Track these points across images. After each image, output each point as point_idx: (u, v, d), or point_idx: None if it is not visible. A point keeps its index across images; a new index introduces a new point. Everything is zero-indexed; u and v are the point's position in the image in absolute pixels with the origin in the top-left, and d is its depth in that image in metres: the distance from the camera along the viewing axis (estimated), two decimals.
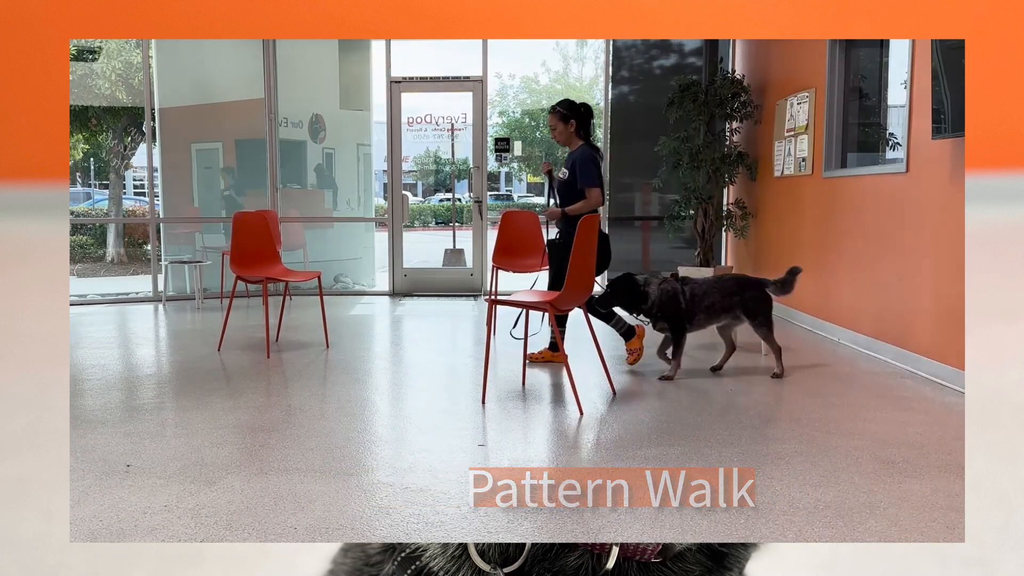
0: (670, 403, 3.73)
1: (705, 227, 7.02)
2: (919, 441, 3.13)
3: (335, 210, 8.66)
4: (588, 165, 4.26)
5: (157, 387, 4.13)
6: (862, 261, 4.98)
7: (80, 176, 15.60)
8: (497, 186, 19.96)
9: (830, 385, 4.08)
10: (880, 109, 5.30)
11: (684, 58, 7.76)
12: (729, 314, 4.23)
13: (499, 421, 3.52)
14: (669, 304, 4.15)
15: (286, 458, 2.93)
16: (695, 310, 4.17)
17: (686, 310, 4.16)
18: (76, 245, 12.57)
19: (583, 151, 4.30)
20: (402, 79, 7.73)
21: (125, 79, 11.22)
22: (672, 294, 4.16)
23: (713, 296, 4.20)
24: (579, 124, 4.33)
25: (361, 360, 4.64)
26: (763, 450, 3.02)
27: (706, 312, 4.20)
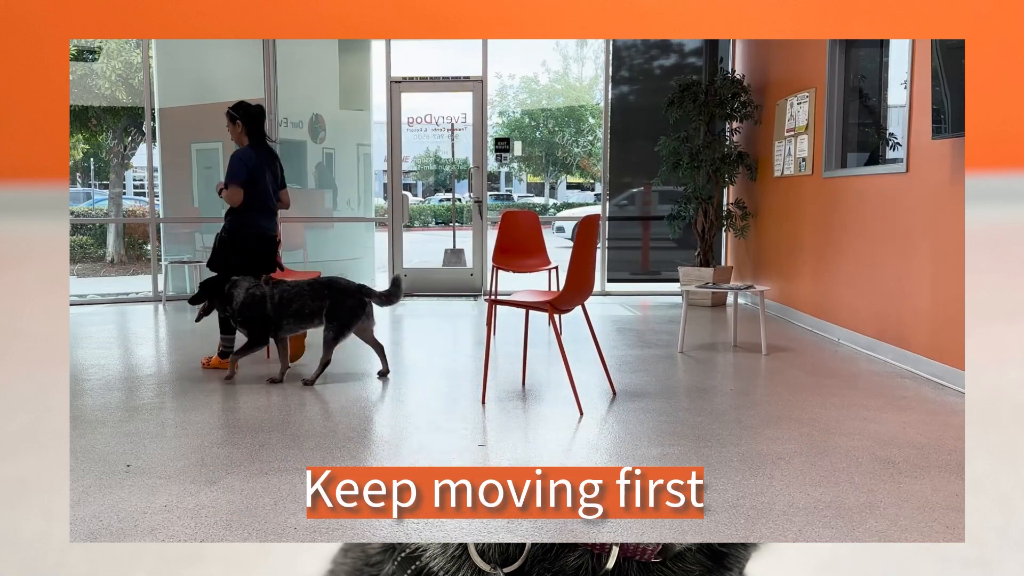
0: (670, 403, 3.73)
1: (705, 227, 7.02)
2: (919, 441, 3.13)
3: (335, 210, 8.66)
4: (234, 164, 4.40)
5: (157, 387, 4.13)
6: (862, 261, 4.98)
7: (80, 176, 15.60)
8: (497, 186, 19.97)
9: (830, 385, 4.08)
10: (880, 109, 5.30)
11: (684, 58, 7.76)
12: (318, 318, 4.14)
13: (499, 421, 3.52)
14: (252, 308, 4.10)
15: (286, 458, 2.93)
16: (282, 315, 4.10)
17: (272, 315, 4.10)
18: (76, 245, 12.57)
19: (240, 151, 4.43)
20: (402, 79, 7.73)
21: (125, 79, 11.22)
22: (259, 298, 4.11)
23: (303, 300, 4.12)
24: (246, 125, 4.44)
25: (361, 360, 4.64)
26: (763, 450, 3.02)
27: (295, 317, 4.13)
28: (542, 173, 21.14)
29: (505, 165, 18.18)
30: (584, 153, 19.52)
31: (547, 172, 21.02)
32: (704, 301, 6.91)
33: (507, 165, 19.35)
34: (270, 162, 4.48)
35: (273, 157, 4.54)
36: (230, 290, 4.14)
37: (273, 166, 4.51)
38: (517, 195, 20.77)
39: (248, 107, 4.48)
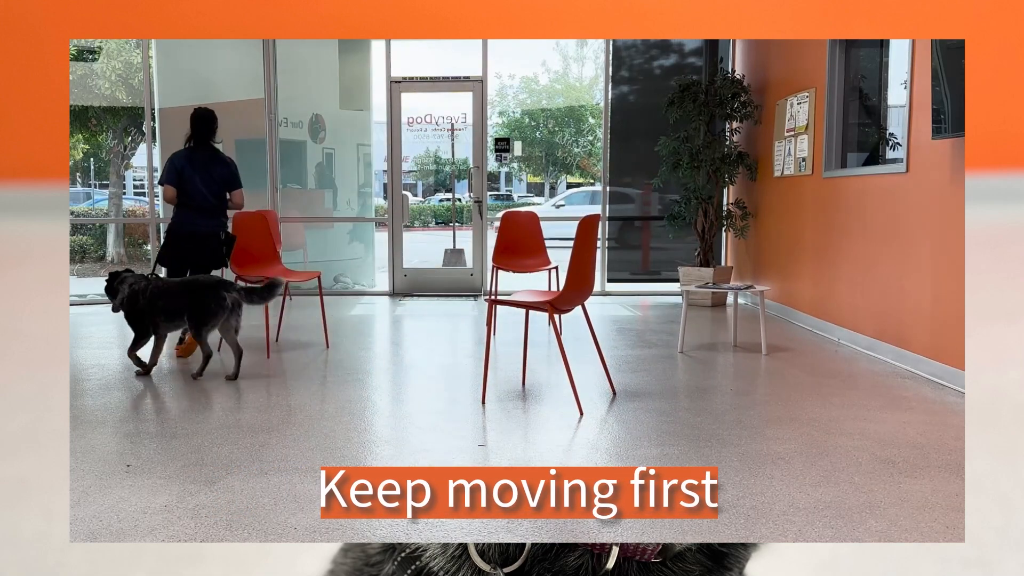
0: (670, 403, 3.73)
1: (705, 227, 7.02)
2: (919, 441, 3.13)
3: (335, 210, 8.66)
4: (164, 166, 4.80)
5: (157, 387, 4.13)
6: (862, 261, 4.98)
7: (80, 176, 15.60)
8: (497, 186, 19.96)
9: (830, 385, 4.08)
10: (880, 109, 5.30)
11: (684, 58, 7.76)
12: (184, 316, 4.14)
13: (499, 421, 3.52)
14: (131, 303, 4.15)
15: (286, 458, 2.93)
16: (153, 312, 4.13)
17: (146, 311, 4.12)
18: (76, 245, 12.57)
19: (172, 154, 4.76)
20: (402, 79, 7.73)
21: (125, 79, 11.22)
22: (136, 294, 4.14)
23: (169, 298, 4.14)
24: (191, 129, 4.77)
25: (361, 360, 4.64)
26: (763, 450, 3.02)
27: (164, 314, 4.14)
28: (542, 173, 21.15)
29: (505, 165, 18.18)
30: (584, 153, 19.52)
31: (547, 172, 21.03)
32: (704, 301, 6.91)
33: (507, 165, 19.34)
34: (206, 164, 4.69)
35: (212, 159, 4.73)
36: (117, 284, 4.19)
37: (211, 168, 4.71)
38: (517, 195, 20.76)
39: (196, 111, 4.79)
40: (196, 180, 4.64)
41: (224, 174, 4.75)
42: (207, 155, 4.72)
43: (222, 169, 4.75)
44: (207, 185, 4.68)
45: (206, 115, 4.76)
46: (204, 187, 4.66)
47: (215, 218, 4.73)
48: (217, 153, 4.78)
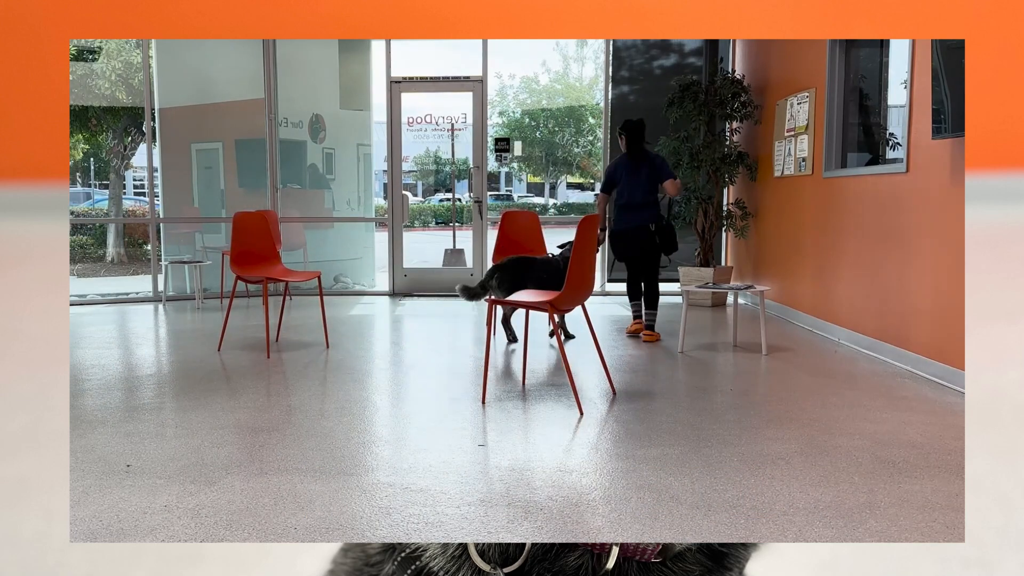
0: (670, 403, 3.73)
1: (705, 227, 7.02)
2: (919, 441, 3.13)
3: (335, 210, 8.66)
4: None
5: (157, 387, 4.13)
6: (862, 261, 4.98)
7: (80, 176, 15.61)
8: (497, 186, 19.97)
9: (830, 385, 4.08)
10: (880, 109, 5.30)
11: (684, 58, 7.76)
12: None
13: (499, 421, 3.52)
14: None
15: (286, 458, 2.93)
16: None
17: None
18: (76, 245, 12.57)
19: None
20: (402, 79, 7.73)
21: (125, 79, 11.23)
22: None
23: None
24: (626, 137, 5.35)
25: (361, 360, 4.64)
26: (763, 450, 3.02)
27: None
28: (542, 173, 21.15)
29: (505, 165, 18.18)
30: (584, 153, 19.53)
31: (547, 172, 21.03)
32: (704, 301, 6.91)
33: (507, 165, 19.35)
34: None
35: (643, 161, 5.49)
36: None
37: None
38: (517, 195, 20.77)
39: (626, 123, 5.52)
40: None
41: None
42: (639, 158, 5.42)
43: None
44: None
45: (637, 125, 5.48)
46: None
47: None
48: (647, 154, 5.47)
